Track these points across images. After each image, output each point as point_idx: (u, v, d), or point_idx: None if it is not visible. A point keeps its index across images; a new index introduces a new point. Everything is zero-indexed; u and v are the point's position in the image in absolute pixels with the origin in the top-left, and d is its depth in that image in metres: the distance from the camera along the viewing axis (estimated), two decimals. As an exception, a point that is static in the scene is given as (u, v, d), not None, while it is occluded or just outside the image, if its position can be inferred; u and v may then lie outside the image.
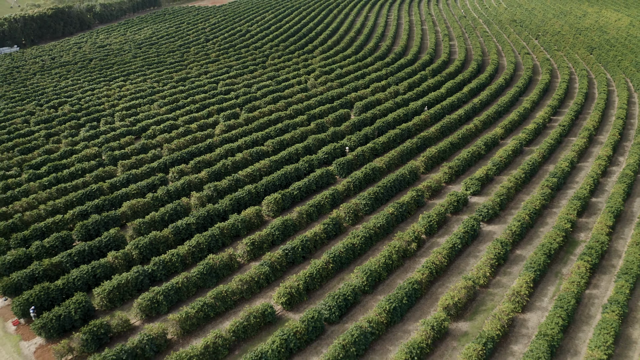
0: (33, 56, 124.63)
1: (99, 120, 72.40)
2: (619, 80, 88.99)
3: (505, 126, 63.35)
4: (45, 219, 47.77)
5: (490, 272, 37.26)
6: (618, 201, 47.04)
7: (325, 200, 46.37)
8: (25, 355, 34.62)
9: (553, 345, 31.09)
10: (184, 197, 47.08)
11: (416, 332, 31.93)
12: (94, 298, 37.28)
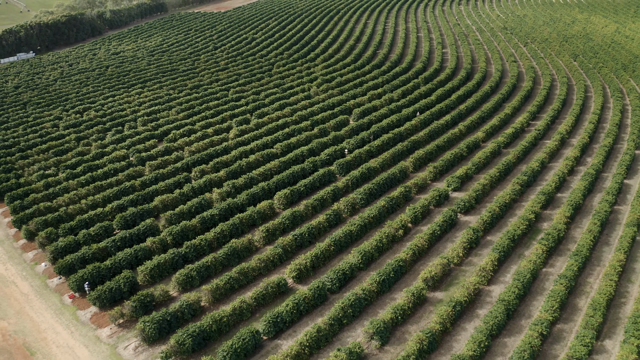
0: (50, 62, 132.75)
1: (123, 125, 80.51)
2: (597, 87, 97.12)
3: (487, 130, 71.50)
4: (87, 211, 55.91)
5: (463, 253, 45.40)
6: (578, 196, 55.17)
7: (327, 195, 54.54)
8: (82, 321, 42.75)
9: (509, 308, 39.22)
10: (207, 193, 55.27)
11: (400, 298, 40.07)
12: (137, 275, 45.34)
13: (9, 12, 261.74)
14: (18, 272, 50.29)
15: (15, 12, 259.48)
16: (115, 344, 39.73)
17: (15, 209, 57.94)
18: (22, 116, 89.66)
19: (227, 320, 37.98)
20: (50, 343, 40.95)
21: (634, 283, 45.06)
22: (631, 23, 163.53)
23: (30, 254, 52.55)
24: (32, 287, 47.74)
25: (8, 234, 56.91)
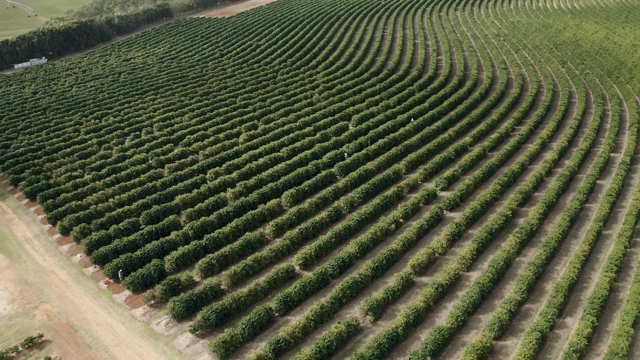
0: (64, 68, 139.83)
1: (140, 130, 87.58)
2: (581, 93, 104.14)
3: (474, 135, 78.55)
4: (115, 209, 62.98)
5: (446, 244, 52.44)
6: (552, 195, 62.19)
7: (328, 194, 61.59)
8: (118, 303, 49.80)
9: (484, 290, 46.26)
10: (222, 192, 62.34)
11: (391, 282, 47.11)
12: (164, 263, 52.30)
13: (17, 16, 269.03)
14: (56, 263, 57.36)
15: (23, 16, 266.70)
16: (148, 321, 46.78)
17: (48, 207, 64.94)
18: (43, 121, 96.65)
19: (244, 300, 45.02)
20: (90, 321, 47.99)
21: (597, 271, 52.06)
22: (621, 29, 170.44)
23: (65, 246, 59.63)
24: (70, 275, 54.80)
25: (43, 230, 64.00)
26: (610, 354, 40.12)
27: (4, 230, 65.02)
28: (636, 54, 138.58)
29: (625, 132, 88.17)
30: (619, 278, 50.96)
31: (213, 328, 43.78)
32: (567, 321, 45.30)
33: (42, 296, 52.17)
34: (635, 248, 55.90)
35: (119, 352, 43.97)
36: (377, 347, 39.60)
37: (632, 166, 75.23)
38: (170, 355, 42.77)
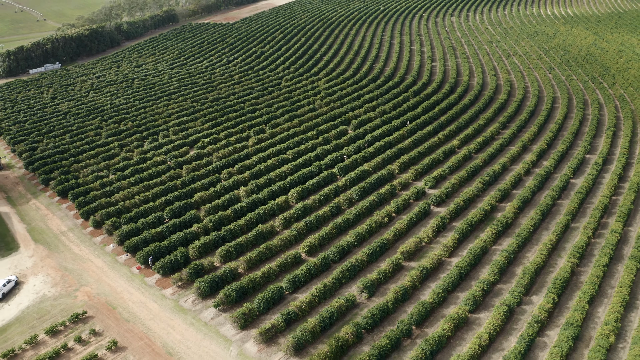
0: (79, 74, 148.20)
1: (157, 134, 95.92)
2: (564, 99, 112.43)
3: (461, 139, 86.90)
4: (140, 205, 71.34)
5: (432, 234, 60.83)
6: (527, 192, 70.57)
7: (330, 192, 69.97)
8: (149, 285, 58.17)
9: (462, 272, 54.62)
10: (236, 190, 70.73)
11: (384, 265, 55.50)
12: (188, 251, 60.62)
13: (26, 20, 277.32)
14: (91, 252, 65.79)
15: (31, 20, 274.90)
16: (177, 299, 55.20)
17: (80, 204, 73.34)
18: (65, 125, 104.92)
19: (259, 280, 53.42)
20: (126, 300, 56.41)
21: (562, 257, 60.41)
22: (609, 34, 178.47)
23: (98, 238, 68.05)
24: (104, 263, 63.23)
25: (76, 224, 72.40)
26: (567, 325, 48.52)
27: (40, 225, 73.46)
28: (621, 60, 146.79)
29: (602, 135, 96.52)
30: (581, 264, 59.33)
31: (233, 304, 52.19)
32: (532, 299, 53.68)
33: (82, 280, 60.61)
34: (598, 239, 64.26)
35: (154, 324, 52.40)
36: (371, 317, 48.02)
37: (604, 166, 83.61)
38: (197, 326, 51.20)
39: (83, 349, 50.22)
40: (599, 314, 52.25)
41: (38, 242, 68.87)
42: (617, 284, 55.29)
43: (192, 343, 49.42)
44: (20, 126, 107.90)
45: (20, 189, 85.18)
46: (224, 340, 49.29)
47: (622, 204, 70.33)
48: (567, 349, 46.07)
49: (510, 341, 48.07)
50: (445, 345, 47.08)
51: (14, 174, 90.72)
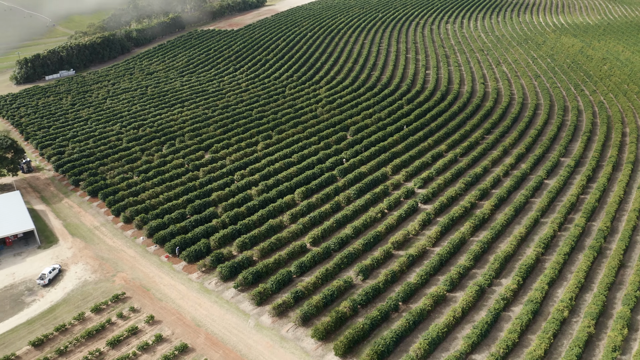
0: (94, 81, 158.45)
1: (174, 139, 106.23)
2: (546, 105, 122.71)
3: (449, 144, 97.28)
4: (165, 203, 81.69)
5: (419, 228, 71.23)
6: (504, 191, 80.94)
7: (330, 191, 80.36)
8: (177, 271, 68.53)
9: (442, 259, 65.00)
10: (248, 190, 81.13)
11: (377, 253, 65.86)
12: (210, 242, 70.91)
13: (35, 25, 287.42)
14: (123, 244, 76.16)
15: (41, 26, 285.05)
16: (201, 282, 65.57)
17: (110, 202, 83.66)
18: (87, 131, 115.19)
19: (271, 266, 63.83)
20: (158, 283, 66.80)
21: (530, 247, 70.72)
22: (596, 42, 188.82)
23: (128, 232, 78.41)
24: (136, 252, 73.60)
25: (107, 220, 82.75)
26: (528, 302, 58.90)
27: (75, 221, 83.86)
28: (604, 68, 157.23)
29: (577, 140, 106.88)
30: (546, 253, 69.68)
31: (249, 285, 62.58)
32: (501, 281, 64.07)
33: (117, 267, 70.99)
34: (564, 232, 74.60)
35: (183, 302, 62.81)
36: (365, 295, 58.42)
37: (576, 168, 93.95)
38: (220, 304, 61.60)
39: (125, 323, 60.62)
40: (558, 294, 62.56)
41: (75, 236, 79.22)
42: (576, 270, 65.66)
43: (217, 317, 59.84)
44: (45, 131, 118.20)
45: (52, 189, 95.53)
46: (243, 314, 59.72)
47: (588, 201, 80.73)
48: (526, 320, 56.45)
49: (480, 314, 58.46)
50: (426, 317, 57.47)
51: (44, 176, 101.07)
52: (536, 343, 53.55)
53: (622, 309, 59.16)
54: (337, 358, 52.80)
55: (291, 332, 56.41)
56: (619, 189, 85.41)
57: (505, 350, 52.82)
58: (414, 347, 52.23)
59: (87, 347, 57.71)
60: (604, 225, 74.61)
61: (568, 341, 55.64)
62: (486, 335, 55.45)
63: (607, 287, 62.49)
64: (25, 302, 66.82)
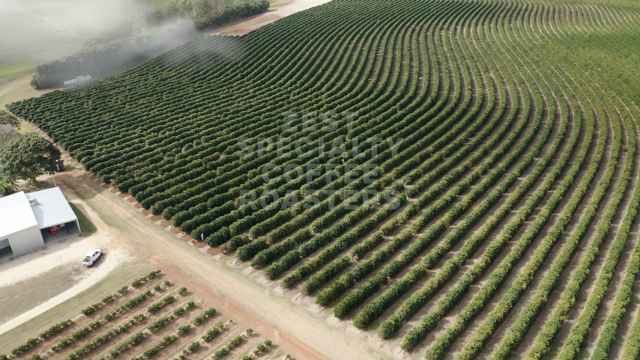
0: (111, 86, 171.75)
1: (192, 141, 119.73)
2: (526, 110, 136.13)
3: (435, 145, 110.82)
4: (188, 197, 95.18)
5: (406, 217, 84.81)
6: (480, 187, 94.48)
7: (331, 187, 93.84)
8: (202, 253, 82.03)
9: (425, 243, 78.63)
10: (259, 186, 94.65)
11: (370, 238, 79.42)
12: (229, 229, 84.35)
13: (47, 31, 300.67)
14: (154, 232, 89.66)
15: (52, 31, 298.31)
16: (224, 262, 79.14)
17: (140, 197, 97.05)
18: (111, 134, 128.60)
19: (282, 248, 77.42)
20: (187, 263, 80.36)
21: (499, 233, 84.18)
22: (581, 49, 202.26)
23: (158, 222, 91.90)
24: (166, 239, 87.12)
25: (138, 212, 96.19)
26: (493, 276, 72.39)
27: (109, 213, 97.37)
28: (585, 74, 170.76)
29: (552, 142, 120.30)
30: (513, 238, 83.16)
31: (264, 264, 76.15)
32: (473, 260, 77.61)
33: (151, 250, 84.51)
34: (530, 221, 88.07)
35: (209, 278, 76.36)
36: (359, 270, 72.00)
37: (547, 167, 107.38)
38: (240, 279, 75.17)
39: (161, 294, 74.20)
40: (520, 271, 76.04)
41: (111, 225, 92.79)
42: (536, 252, 79.16)
43: (238, 289, 73.47)
44: (72, 134, 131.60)
45: (85, 185, 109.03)
46: (259, 286, 73.35)
47: (554, 196, 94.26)
48: (491, 290, 70.02)
49: (453, 286, 72.00)
50: (409, 288, 71.01)
51: (76, 174, 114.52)
52: (497, 308, 67.13)
53: (572, 283, 72.73)
54: (337, 319, 66.45)
55: (299, 300, 70.05)
56: (582, 185, 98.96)
57: (472, 313, 66.39)
58: (398, 310, 65.86)
59: (132, 314, 71.25)
60: (565, 216, 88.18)
61: (524, 307, 69.16)
62: (457, 302, 69.03)
63: (561, 266, 76.06)
64: (73, 280, 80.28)
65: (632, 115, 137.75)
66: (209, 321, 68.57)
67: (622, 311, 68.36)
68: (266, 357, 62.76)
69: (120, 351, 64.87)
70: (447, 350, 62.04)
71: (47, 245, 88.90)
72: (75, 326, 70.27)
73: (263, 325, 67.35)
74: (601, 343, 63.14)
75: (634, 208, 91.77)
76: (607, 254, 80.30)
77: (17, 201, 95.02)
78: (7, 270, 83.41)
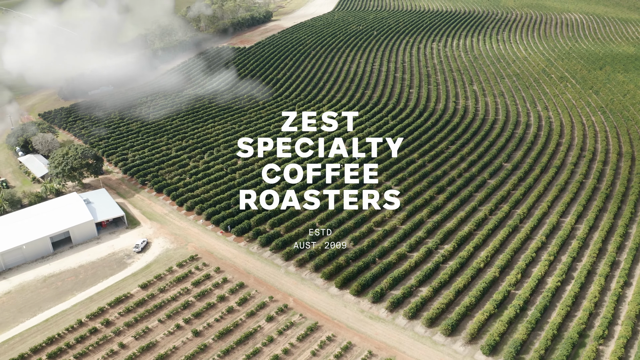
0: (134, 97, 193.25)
1: (213, 149, 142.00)
2: (502, 120, 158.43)
3: (420, 153, 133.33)
4: (214, 196, 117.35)
5: (392, 213, 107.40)
6: (454, 188, 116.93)
7: (331, 187, 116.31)
8: (229, 241, 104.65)
9: (406, 233, 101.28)
10: (274, 187, 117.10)
11: (363, 229, 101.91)
12: (250, 222, 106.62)
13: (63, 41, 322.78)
14: (188, 224, 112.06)
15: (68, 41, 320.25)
16: (247, 247, 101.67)
17: (174, 196, 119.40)
18: (141, 142, 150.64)
19: (293, 237, 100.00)
20: (218, 249, 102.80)
21: (467, 225, 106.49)
22: (560, 61, 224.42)
23: (191, 217, 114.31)
24: (199, 230, 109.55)
25: (173, 209, 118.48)
26: (458, 258, 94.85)
27: (148, 210, 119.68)
28: (560, 86, 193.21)
29: (520, 149, 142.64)
30: (477, 229, 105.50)
31: (279, 249, 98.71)
32: (444, 246, 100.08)
33: (188, 239, 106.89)
34: (492, 215, 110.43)
35: (236, 260, 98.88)
36: (354, 253, 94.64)
37: (513, 172, 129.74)
38: (261, 260, 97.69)
39: (200, 272, 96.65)
40: (480, 254, 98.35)
41: (152, 220, 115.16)
42: (494, 240, 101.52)
43: (260, 268, 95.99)
44: (106, 142, 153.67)
45: (124, 187, 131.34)
46: (276, 266, 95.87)
47: (515, 195, 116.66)
48: (455, 269, 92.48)
49: (427, 265, 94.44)
50: (392, 266, 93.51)
51: (115, 177, 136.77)
52: (459, 281, 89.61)
53: (520, 263, 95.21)
54: (337, 289, 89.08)
55: (308, 276, 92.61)
56: (541, 187, 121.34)
57: (439, 284, 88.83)
58: (383, 282, 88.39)
59: (178, 287, 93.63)
60: (522, 211, 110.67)
61: (480, 280, 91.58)
62: (429, 277, 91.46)
63: (513, 250, 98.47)
64: (127, 262, 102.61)
65: (596, 125, 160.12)
66: (239, 291, 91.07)
67: (558, 285, 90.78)
68: (284, 316, 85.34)
69: (172, 314, 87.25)
70: (419, 311, 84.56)
71: (100, 236, 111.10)
72: (134, 297, 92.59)
73: (280, 294, 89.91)
74: (537, 307, 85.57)
75: (581, 205, 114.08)
76: (552, 242, 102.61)
77: (72, 200, 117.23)
78: (69, 256, 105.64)
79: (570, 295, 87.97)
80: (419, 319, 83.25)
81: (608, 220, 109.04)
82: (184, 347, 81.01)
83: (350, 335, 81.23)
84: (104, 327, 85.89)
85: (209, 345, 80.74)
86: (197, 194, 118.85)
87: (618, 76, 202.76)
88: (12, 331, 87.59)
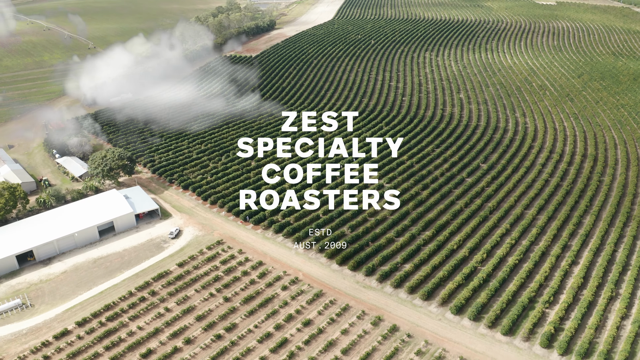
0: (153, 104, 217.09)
1: (229, 152, 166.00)
2: (483, 126, 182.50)
3: (409, 155, 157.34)
4: (234, 192, 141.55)
5: (382, 206, 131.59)
6: (437, 185, 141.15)
7: (332, 185, 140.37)
8: (248, 229, 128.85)
9: (394, 222, 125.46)
10: (284, 184, 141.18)
11: (358, 218, 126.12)
12: (266, 213, 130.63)
13: (78, 48, 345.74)
14: (213, 216, 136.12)
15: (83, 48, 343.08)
16: (263, 234, 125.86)
17: (199, 192, 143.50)
18: (165, 145, 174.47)
19: (300, 226, 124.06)
20: (239, 235, 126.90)
21: (445, 215, 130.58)
22: (542, 70, 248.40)
23: (215, 209, 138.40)
24: (222, 220, 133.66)
25: (198, 203, 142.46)
26: (436, 241, 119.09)
27: (177, 204, 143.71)
28: (537, 95, 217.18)
29: (496, 152, 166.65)
30: (453, 219, 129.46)
31: (290, 235, 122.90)
32: (425, 232, 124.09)
33: (213, 227, 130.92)
34: (467, 208, 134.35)
35: (255, 244, 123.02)
36: (351, 238, 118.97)
37: (488, 171, 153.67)
38: (275, 244, 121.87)
39: (226, 253, 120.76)
40: (454, 239, 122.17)
41: (181, 212, 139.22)
42: (466, 227, 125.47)
43: (274, 249, 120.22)
44: (133, 145, 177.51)
45: (154, 185, 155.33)
46: (288, 248, 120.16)
47: (487, 191, 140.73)
48: (433, 249, 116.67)
49: (410, 247, 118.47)
50: (382, 248, 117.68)
51: (145, 177, 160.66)
52: (435, 259, 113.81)
53: (487, 245, 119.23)
54: (337, 265, 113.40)
55: (314, 255, 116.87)
56: (511, 184, 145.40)
57: (419, 261, 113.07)
58: (374, 260, 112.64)
59: (208, 265, 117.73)
60: (492, 204, 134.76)
61: (453, 259, 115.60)
62: (412, 256, 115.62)
63: (482, 236, 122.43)
64: (163, 247, 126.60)
65: (567, 130, 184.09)
66: (259, 268, 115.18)
67: (516, 262, 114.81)
68: (295, 286, 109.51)
69: (205, 285, 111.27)
70: (403, 282, 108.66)
71: (139, 225, 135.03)
72: (173, 273, 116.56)
73: (292, 269, 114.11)
74: (497, 279, 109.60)
75: (543, 200, 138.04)
76: (515, 229, 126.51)
77: (114, 196, 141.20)
78: (113, 242, 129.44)
79: (525, 270, 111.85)
80: (402, 288, 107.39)
81: (565, 212, 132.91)
82: (217, 310, 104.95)
83: (348, 300, 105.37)
84: (150, 296, 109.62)
85: (237, 308, 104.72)
86: (218, 190, 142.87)
87: (594, 84, 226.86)
88: (73, 301, 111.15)
